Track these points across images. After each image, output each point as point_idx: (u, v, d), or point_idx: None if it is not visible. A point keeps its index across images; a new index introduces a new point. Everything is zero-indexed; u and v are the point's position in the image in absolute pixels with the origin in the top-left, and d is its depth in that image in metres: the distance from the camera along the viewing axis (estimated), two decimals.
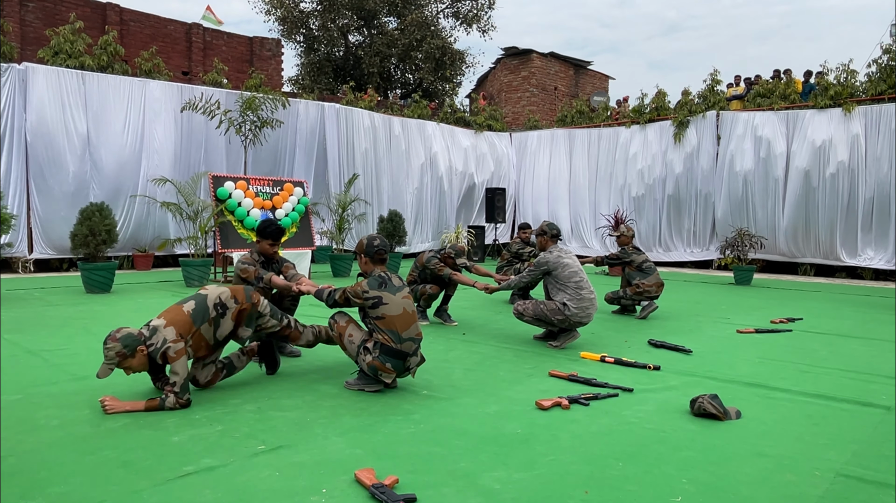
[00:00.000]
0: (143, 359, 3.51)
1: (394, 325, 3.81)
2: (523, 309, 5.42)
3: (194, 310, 3.65)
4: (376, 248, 4.03)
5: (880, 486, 2.63)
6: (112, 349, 3.42)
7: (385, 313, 3.82)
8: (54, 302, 7.43)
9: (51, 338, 5.33)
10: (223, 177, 10.18)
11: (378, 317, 3.83)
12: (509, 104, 21.76)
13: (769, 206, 13.25)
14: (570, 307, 5.19)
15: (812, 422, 3.48)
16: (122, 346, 3.43)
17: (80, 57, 11.34)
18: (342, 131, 14.16)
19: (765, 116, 13.42)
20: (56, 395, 3.69)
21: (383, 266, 4.05)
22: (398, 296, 3.89)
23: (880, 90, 12.44)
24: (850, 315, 7.59)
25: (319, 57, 24.18)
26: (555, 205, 16.55)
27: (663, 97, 15.32)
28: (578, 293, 5.22)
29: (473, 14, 24.80)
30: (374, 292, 3.85)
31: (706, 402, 3.49)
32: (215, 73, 13.42)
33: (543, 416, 3.47)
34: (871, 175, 12.26)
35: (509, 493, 2.50)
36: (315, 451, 2.90)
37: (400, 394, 3.85)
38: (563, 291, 5.26)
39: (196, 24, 17.25)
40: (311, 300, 7.68)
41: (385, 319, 3.82)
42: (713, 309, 7.85)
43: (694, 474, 2.72)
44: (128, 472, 2.64)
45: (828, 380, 4.39)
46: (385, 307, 3.82)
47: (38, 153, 10.67)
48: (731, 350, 5.36)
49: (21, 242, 10.62)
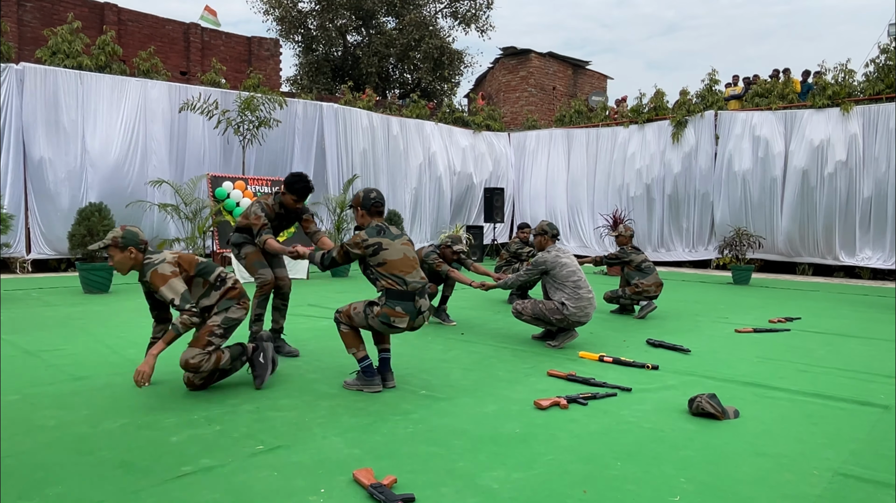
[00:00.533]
0: (126, 261, 3.54)
1: (396, 269, 3.84)
2: (522, 308, 5.42)
3: (204, 263, 3.74)
4: (373, 200, 4.04)
5: (878, 485, 2.64)
6: (114, 233, 3.52)
7: (386, 258, 3.85)
8: (52, 302, 7.42)
9: (49, 338, 5.32)
10: (221, 177, 10.18)
11: (380, 263, 3.86)
12: (508, 104, 21.77)
13: (767, 206, 13.26)
14: (569, 306, 5.19)
15: (810, 421, 3.48)
16: (121, 236, 3.49)
17: (77, 57, 11.32)
18: (340, 131, 14.15)
19: (763, 116, 13.44)
20: (54, 396, 3.68)
21: (380, 218, 4.07)
22: (397, 243, 3.93)
23: (878, 90, 12.46)
24: (848, 314, 7.59)
25: (318, 57, 24.17)
26: (553, 204, 16.56)
27: (661, 97, 15.34)
28: (577, 293, 5.22)
29: (472, 14, 24.81)
30: (374, 239, 3.87)
31: (704, 402, 3.49)
32: (213, 73, 13.41)
33: (542, 416, 3.47)
34: (869, 174, 12.28)
35: (508, 493, 2.50)
36: (313, 451, 2.90)
37: (398, 394, 3.85)
38: (561, 291, 5.26)
39: (194, 23, 17.24)
40: (309, 301, 7.68)
41: (387, 264, 3.85)
42: (711, 308, 7.85)
43: (692, 473, 2.73)
44: (126, 473, 2.63)
45: (826, 379, 4.39)
46: (385, 252, 3.86)
47: (35, 153, 10.65)
48: (729, 349, 5.37)
49: (19, 243, 10.61)
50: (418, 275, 3.94)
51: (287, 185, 4.65)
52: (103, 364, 4.39)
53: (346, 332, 3.97)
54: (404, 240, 4.02)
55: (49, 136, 10.74)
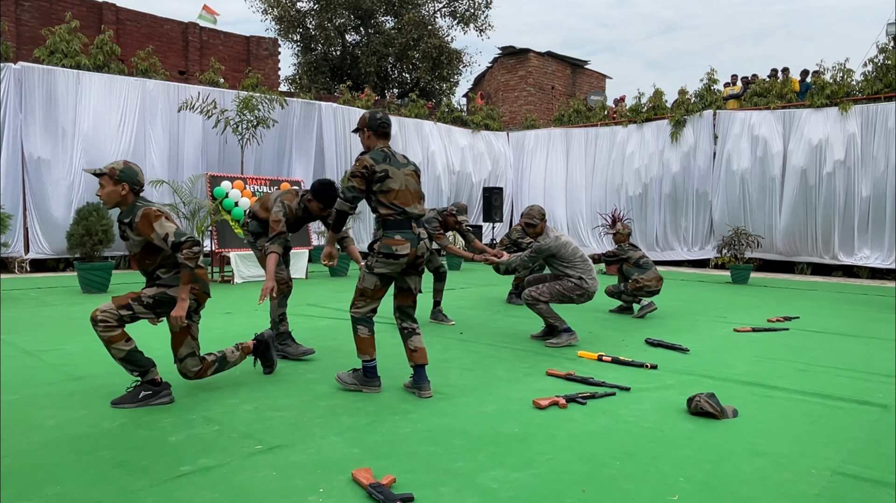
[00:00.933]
0: (115, 195, 3.42)
1: (397, 199, 3.78)
2: (539, 294, 5.39)
3: (182, 231, 3.46)
4: (379, 120, 3.90)
5: (877, 484, 2.64)
6: (114, 164, 3.47)
7: (390, 186, 3.77)
8: (51, 302, 7.41)
9: (47, 338, 5.31)
10: (220, 176, 10.17)
11: (383, 191, 3.77)
12: (506, 103, 21.77)
13: (766, 205, 13.28)
14: (587, 279, 5.39)
15: (809, 420, 3.48)
16: (119, 170, 3.43)
17: (76, 56, 11.31)
18: (339, 131, 14.15)
19: (761, 115, 13.45)
20: (52, 396, 3.67)
21: (386, 141, 3.95)
22: (401, 172, 3.85)
23: (876, 89, 12.47)
24: (846, 313, 7.60)
25: (316, 56, 24.15)
26: (552, 204, 16.56)
27: (660, 96, 15.34)
28: (586, 265, 5.46)
29: (470, 13, 24.81)
30: (381, 166, 3.78)
31: (703, 401, 3.49)
32: (212, 72, 13.40)
33: (541, 415, 3.47)
34: (868, 174, 12.29)
35: (507, 492, 2.50)
36: (312, 451, 2.90)
37: (397, 394, 3.85)
38: (572, 268, 5.42)
39: (192, 23, 17.23)
40: (308, 300, 7.68)
41: (389, 193, 3.77)
42: (710, 308, 7.86)
43: (691, 473, 2.73)
44: (124, 473, 2.63)
45: (824, 378, 4.40)
46: (390, 181, 3.78)
47: (33, 153, 10.64)
48: (727, 349, 5.37)
49: (17, 242, 10.60)
50: (417, 208, 3.86)
51: (314, 193, 4.58)
52: (102, 364, 4.39)
53: (364, 338, 3.86)
54: (409, 169, 3.91)
55: (47, 136, 10.73)
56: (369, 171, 3.74)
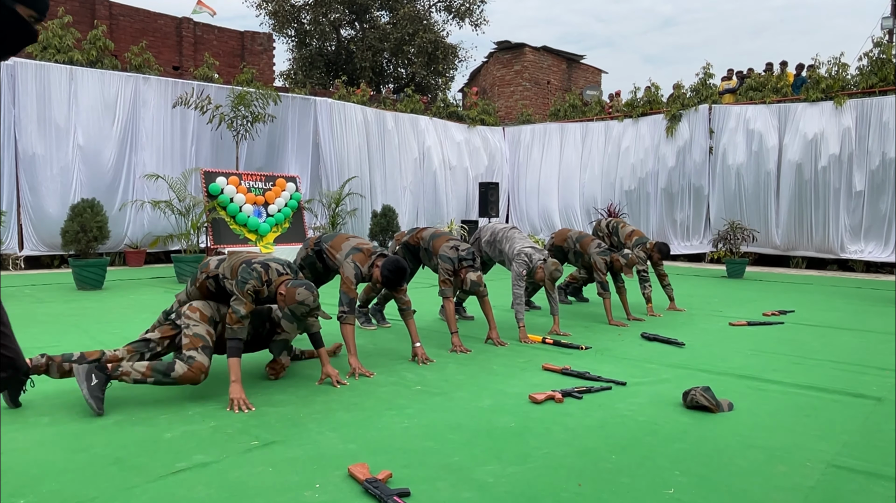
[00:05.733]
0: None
1: None
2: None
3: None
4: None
5: (870, 476, 2.65)
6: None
7: None
8: (45, 299, 7.39)
9: (42, 335, 5.30)
10: (215, 172, 10.14)
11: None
12: (502, 98, 21.74)
13: (761, 200, 13.30)
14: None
15: (803, 413, 3.49)
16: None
17: (69, 52, 11.25)
18: (335, 126, 14.10)
19: (757, 110, 13.45)
20: (47, 393, 3.66)
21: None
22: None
23: (871, 83, 12.49)
24: (841, 307, 7.63)
25: (311, 51, 24.06)
26: (547, 198, 16.57)
27: (656, 91, 15.34)
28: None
29: (466, 8, 24.72)
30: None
31: (699, 395, 3.50)
32: (206, 67, 13.33)
33: (537, 410, 3.48)
34: (863, 168, 12.32)
35: (503, 487, 2.51)
36: (308, 447, 2.90)
37: (393, 389, 3.85)
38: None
39: (187, 18, 17.15)
40: None
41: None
42: (706, 302, 7.88)
43: (686, 466, 2.74)
44: (120, 469, 2.63)
45: (819, 371, 4.42)
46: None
47: (27, 149, 10.58)
48: (723, 342, 5.39)
49: (11, 239, 10.55)
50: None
51: (385, 281, 4.32)
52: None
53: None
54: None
55: (41, 132, 10.67)
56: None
